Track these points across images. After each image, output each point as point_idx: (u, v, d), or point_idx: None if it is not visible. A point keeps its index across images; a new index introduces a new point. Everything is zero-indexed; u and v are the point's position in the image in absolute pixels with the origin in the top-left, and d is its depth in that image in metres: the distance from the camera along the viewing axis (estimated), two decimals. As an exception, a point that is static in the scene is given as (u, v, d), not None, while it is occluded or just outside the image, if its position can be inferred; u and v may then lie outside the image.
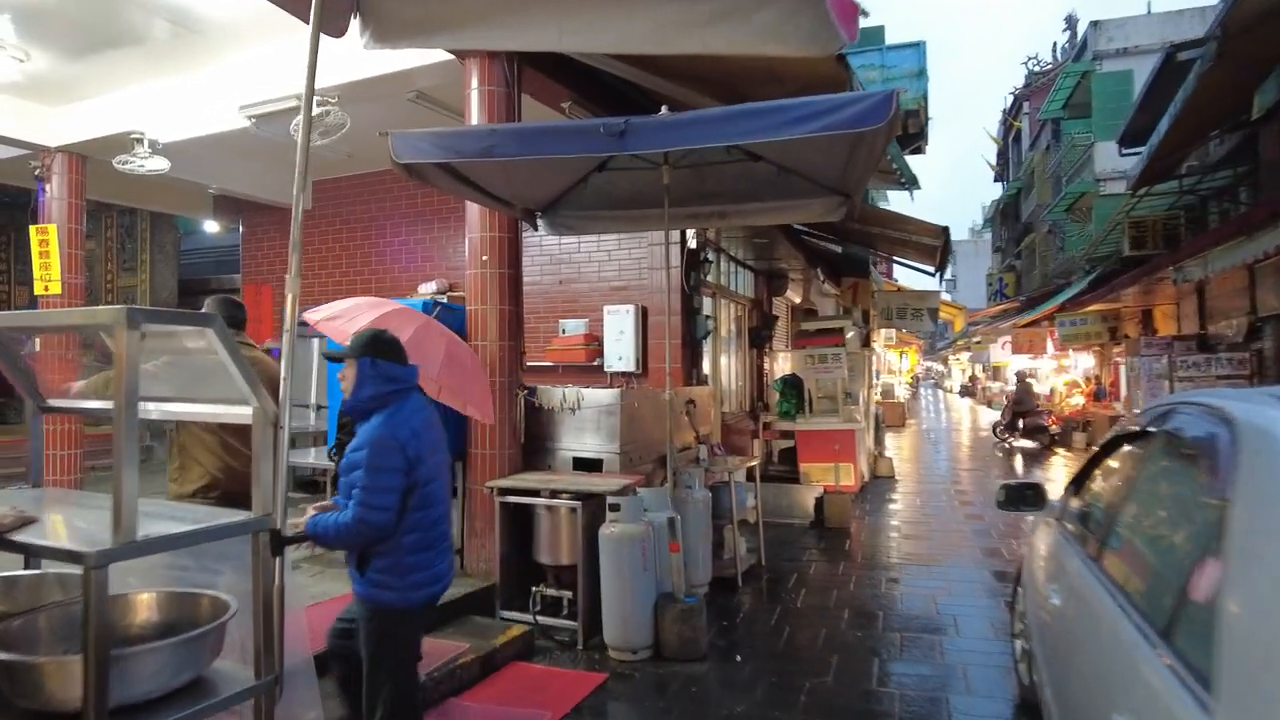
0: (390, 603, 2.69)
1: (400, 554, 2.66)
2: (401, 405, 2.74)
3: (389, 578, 2.66)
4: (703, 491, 5.73)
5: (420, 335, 4.08)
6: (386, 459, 2.61)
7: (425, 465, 2.70)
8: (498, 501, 4.99)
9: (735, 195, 5.81)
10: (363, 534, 2.60)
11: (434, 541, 2.77)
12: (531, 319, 8.97)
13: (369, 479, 2.59)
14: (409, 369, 2.85)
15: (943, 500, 10.05)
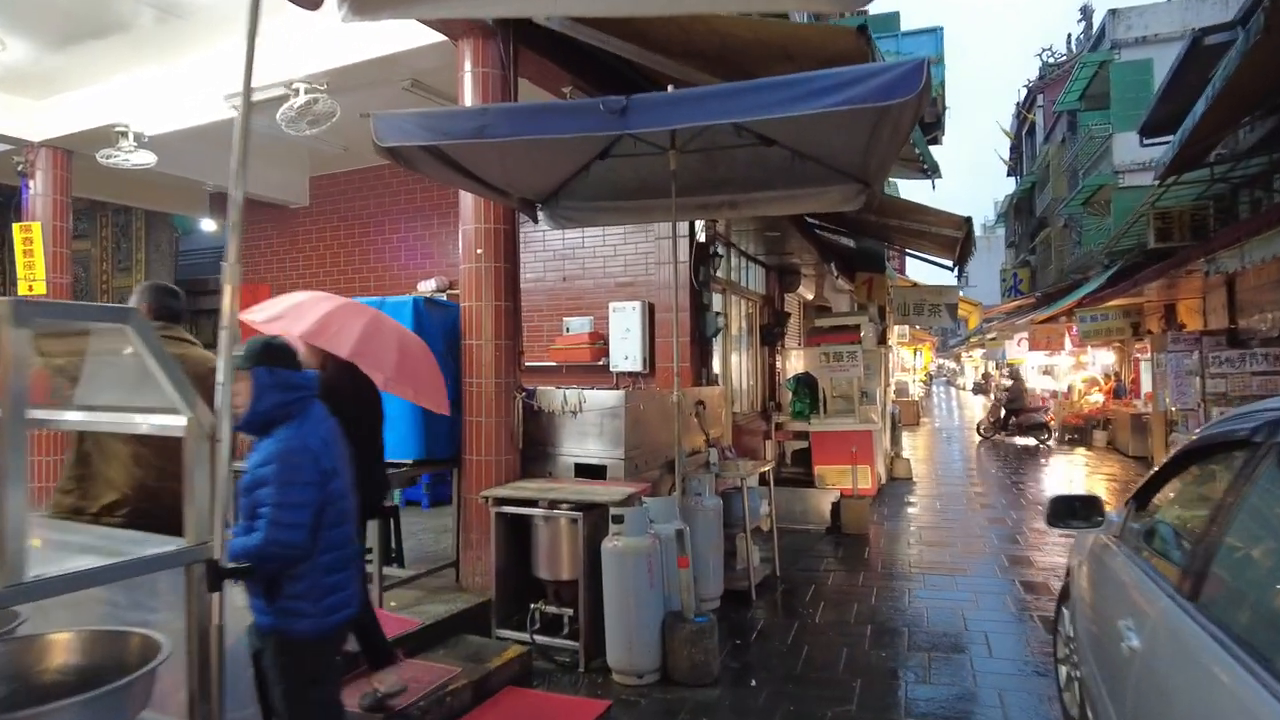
0: (305, 632, 2.40)
1: (318, 575, 2.41)
2: (307, 414, 2.50)
3: (305, 604, 2.39)
4: (713, 499, 5.38)
5: (371, 329, 3.77)
6: (299, 472, 2.35)
7: (340, 478, 2.49)
8: (493, 512, 4.65)
9: (747, 183, 5.47)
10: (275, 556, 2.28)
11: (348, 561, 2.53)
12: (534, 317, 8.65)
13: (281, 494, 2.29)
14: (308, 375, 2.62)
15: (963, 503, 9.65)
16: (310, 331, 3.58)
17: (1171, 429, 11.52)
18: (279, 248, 10.61)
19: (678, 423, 4.80)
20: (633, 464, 5.13)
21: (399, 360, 3.86)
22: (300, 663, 2.42)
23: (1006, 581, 5.97)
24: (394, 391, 4.07)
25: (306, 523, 2.33)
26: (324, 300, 3.83)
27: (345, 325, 3.69)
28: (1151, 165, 19.79)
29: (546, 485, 4.82)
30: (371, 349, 3.73)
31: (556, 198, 5.69)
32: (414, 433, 4.94)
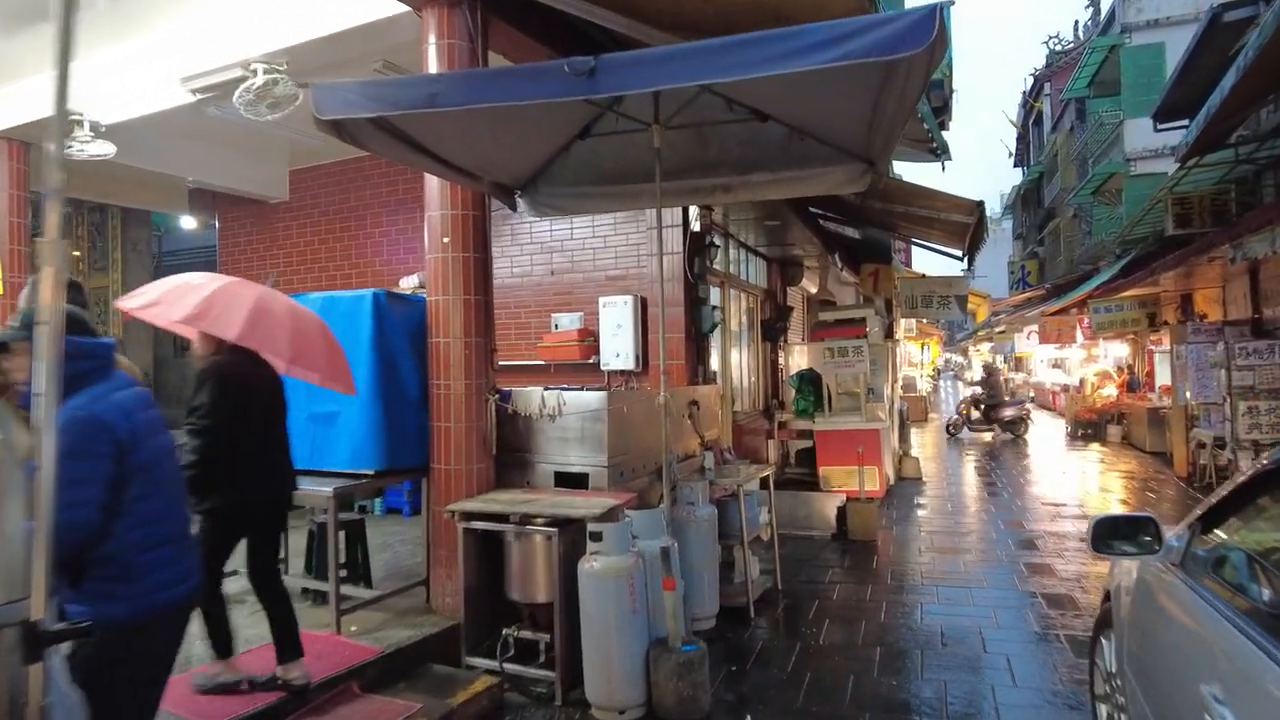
0: (118, 616, 2.09)
1: (130, 553, 2.16)
2: (102, 383, 2.22)
3: (116, 585, 2.13)
4: (707, 508, 4.93)
5: (261, 310, 3.36)
6: (85, 442, 2.07)
7: (143, 449, 2.21)
8: (460, 528, 4.21)
9: (741, 164, 5.02)
10: (62, 540, 1.88)
11: (172, 535, 2.28)
12: (522, 314, 8.22)
13: (63, 470, 1.89)
14: (104, 343, 2.33)
15: (975, 505, 9.18)
16: (190, 316, 3.19)
17: (1192, 424, 11.03)
18: (259, 244, 10.20)
19: (665, 426, 4.34)
20: (618, 471, 4.68)
21: (294, 341, 3.44)
22: (112, 655, 2.09)
23: (1026, 595, 5.50)
24: (298, 376, 3.67)
25: (91, 499, 2.06)
26: (209, 281, 3.43)
27: (230, 307, 3.29)
28: (1164, 152, 19.29)
29: (521, 497, 4.38)
30: (262, 331, 3.33)
31: (536, 183, 5.25)
32: (375, 440, 4.50)
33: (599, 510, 3.90)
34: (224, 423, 3.24)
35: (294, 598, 5.05)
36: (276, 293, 3.70)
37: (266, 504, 3.57)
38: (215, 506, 3.32)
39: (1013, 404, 17.71)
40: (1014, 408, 17.44)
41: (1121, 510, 8.38)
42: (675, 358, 7.22)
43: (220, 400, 3.24)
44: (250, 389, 3.42)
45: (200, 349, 3.43)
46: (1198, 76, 13.66)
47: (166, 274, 12.49)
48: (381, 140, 3.84)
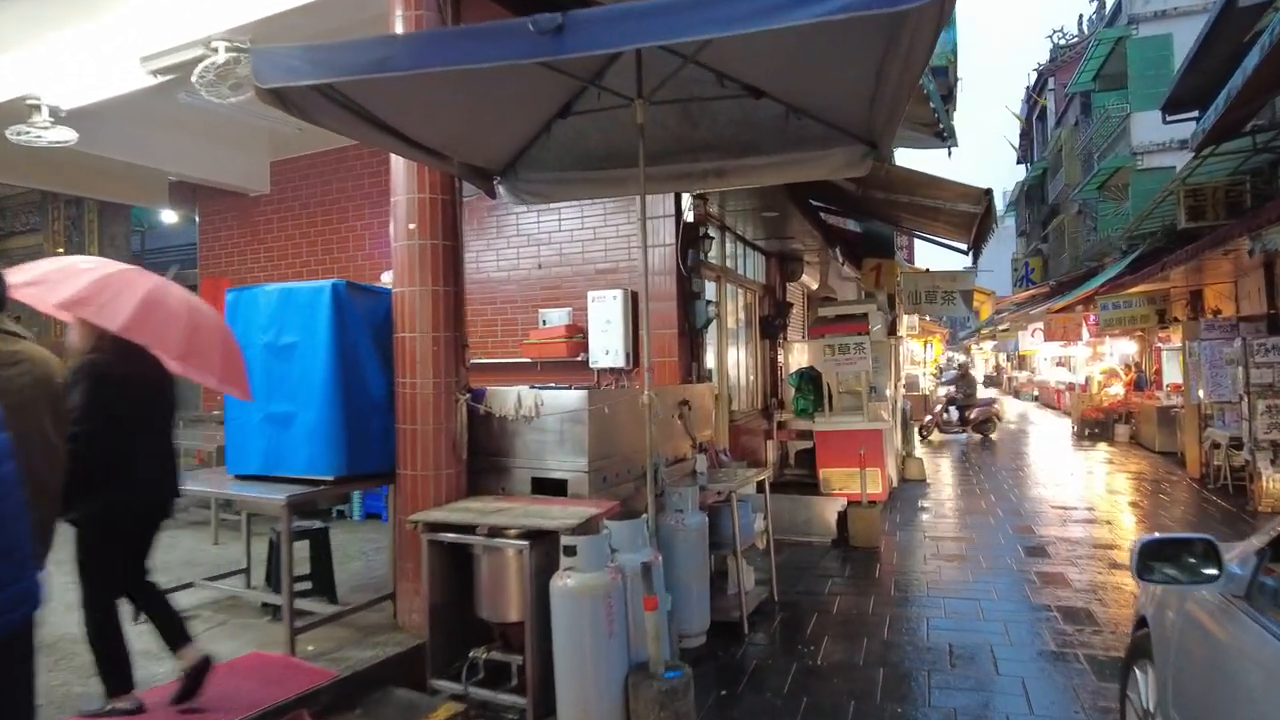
0: None
1: None
2: None
3: None
4: (697, 516, 4.57)
5: (154, 301, 3.01)
6: None
7: None
8: (425, 540, 3.85)
9: (734, 147, 4.68)
10: None
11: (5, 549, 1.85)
12: (508, 309, 7.87)
13: None
14: None
15: (982, 507, 8.81)
16: (71, 300, 2.84)
17: (1206, 423, 10.67)
18: (239, 239, 9.86)
19: (649, 429, 3.99)
20: (600, 477, 4.32)
21: (189, 338, 3.09)
22: None
23: (1040, 608, 5.14)
24: (192, 377, 3.32)
25: None
26: (100, 266, 3.09)
27: (119, 295, 2.95)
28: (1172, 146, 18.94)
29: (492, 505, 4.02)
30: (153, 324, 2.98)
31: (515, 168, 4.91)
32: (334, 444, 4.14)
33: (574, 521, 3.55)
34: (97, 428, 2.90)
35: (253, 613, 4.74)
36: (174, 285, 3.35)
37: (141, 511, 3.23)
38: (85, 515, 2.98)
39: (981, 404, 17.13)
40: (981, 408, 16.90)
41: (1130, 514, 8.03)
42: (667, 355, 6.87)
43: (93, 403, 2.90)
44: (128, 388, 3.08)
45: (78, 340, 3.08)
46: (1210, 65, 13.26)
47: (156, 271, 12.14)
48: (334, 113, 3.48)
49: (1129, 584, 5.61)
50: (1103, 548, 6.73)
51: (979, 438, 16.41)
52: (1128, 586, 5.54)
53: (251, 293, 4.47)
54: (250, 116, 7.42)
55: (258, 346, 4.37)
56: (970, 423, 16.65)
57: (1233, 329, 10.39)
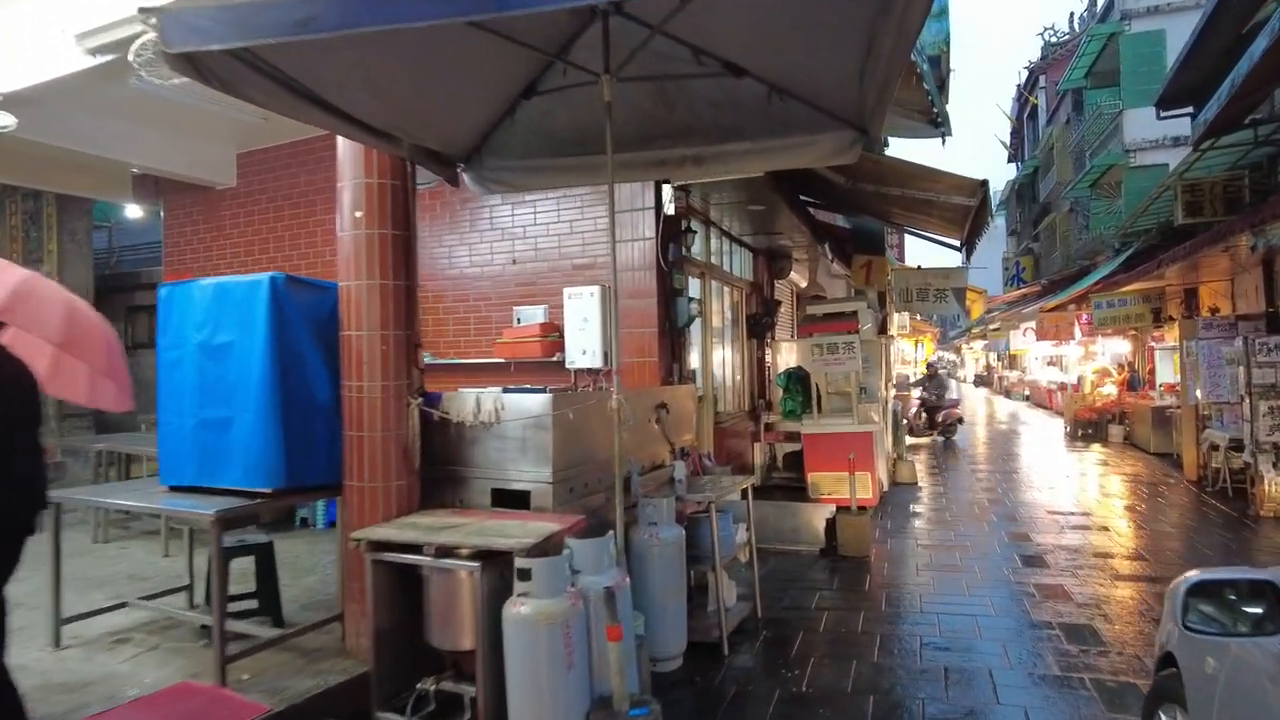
0: None
1: None
2: None
3: None
4: (673, 529, 4.22)
5: (25, 291, 2.66)
6: None
7: None
8: (369, 559, 3.49)
9: (714, 132, 4.33)
10: None
11: None
12: (482, 307, 7.50)
13: None
14: None
15: (975, 513, 8.50)
16: None
17: (1204, 424, 10.40)
18: (205, 234, 9.46)
19: (618, 436, 3.63)
20: (566, 488, 3.96)
21: (65, 339, 2.72)
22: None
23: (1040, 625, 4.81)
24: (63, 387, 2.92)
25: None
26: None
27: None
28: (1165, 143, 18.73)
29: (445, 521, 3.66)
30: (21, 322, 2.60)
31: (480, 154, 4.56)
32: (272, 452, 3.77)
33: (531, 540, 3.19)
34: None
35: (191, 635, 4.36)
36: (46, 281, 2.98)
37: None
38: None
39: (946, 405, 16.47)
40: (945, 410, 16.34)
41: (1128, 520, 7.72)
42: (647, 355, 6.52)
43: None
44: None
45: None
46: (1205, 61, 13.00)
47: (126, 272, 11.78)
48: (259, 85, 3.10)
49: (1133, 597, 5.30)
50: (1102, 556, 6.42)
51: (942, 440, 15.99)
52: (1131, 600, 5.23)
53: (185, 288, 4.09)
54: (211, 104, 7.05)
55: (192, 345, 4.01)
56: (937, 426, 16.15)
57: (1231, 328, 10.13)
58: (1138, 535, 7.25)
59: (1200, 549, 6.69)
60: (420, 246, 7.97)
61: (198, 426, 3.98)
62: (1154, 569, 6.01)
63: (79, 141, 7.59)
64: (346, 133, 3.63)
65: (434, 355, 7.56)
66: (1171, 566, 6.07)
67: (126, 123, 7.74)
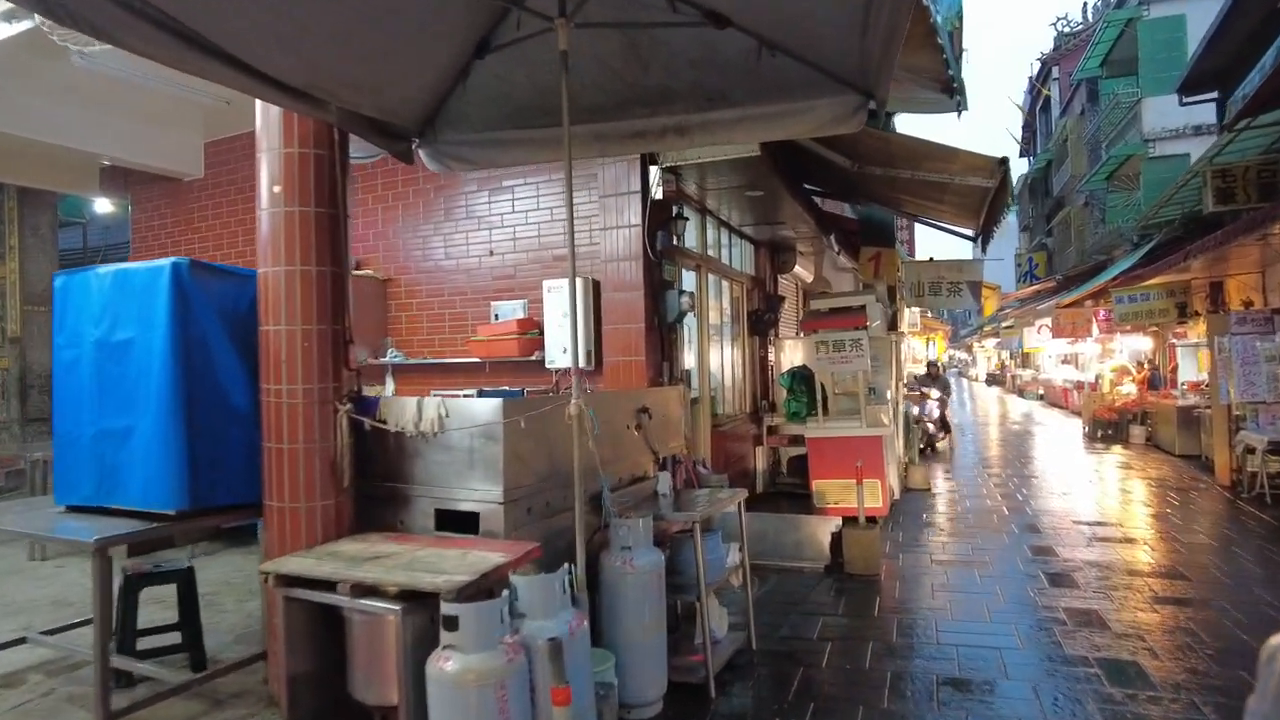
0: None
1: None
2: None
3: None
4: (650, 554, 3.64)
5: None
6: None
7: None
8: (280, 596, 2.92)
9: (697, 97, 3.78)
10: None
11: None
12: (457, 302, 6.95)
13: None
14: None
15: (993, 522, 7.88)
16: None
17: (1237, 425, 9.73)
18: (173, 227, 8.96)
19: (577, 448, 3.06)
20: (522, 508, 3.39)
21: None
22: None
23: (1076, 660, 4.20)
24: None
25: None
26: None
27: None
28: (1186, 132, 18.04)
29: (374, 550, 3.09)
30: None
31: (435, 127, 4.03)
32: (175, 468, 3.22)
33: (461, 578, 2.61)
34: None
35: (99, 676, 3.81)
36: None
37: None
38: None
39: None
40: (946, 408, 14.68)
41: (1162, 531, 7.08)
42: (633, 353, 5.95)
43: None
44: None
45: None
46: (1231, 43, 12.36)
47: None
48: (142, 32, 2.52)
49: (1178, 625, 4.69)
50: (1136, 574, 5.80)
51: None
52: (1177, 628, 4.62)
53: (82, 277, 3.55)
54: (172, 86, 6.58)
55: (89, 343, 3.47)
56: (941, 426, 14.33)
57: (1267, 322, 9.47)
58: (1173, 548, 6.62)
59: (1245, 565, 6.06)
60: (393, 237, 7.46)
61: (96, 437, 3.43)
62: (1197, 589, 5.39)
63: (33, 128, 7.07)
64: (256, 91, 3.05)
65: (407, 355, 7.01)
66: (1217, 586, 5.45)
67: (83, 109, 7.22)
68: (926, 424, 13.56)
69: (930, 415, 13.83)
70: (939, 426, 14.26)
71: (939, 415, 14.26)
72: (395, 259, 7.27)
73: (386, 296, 7.27)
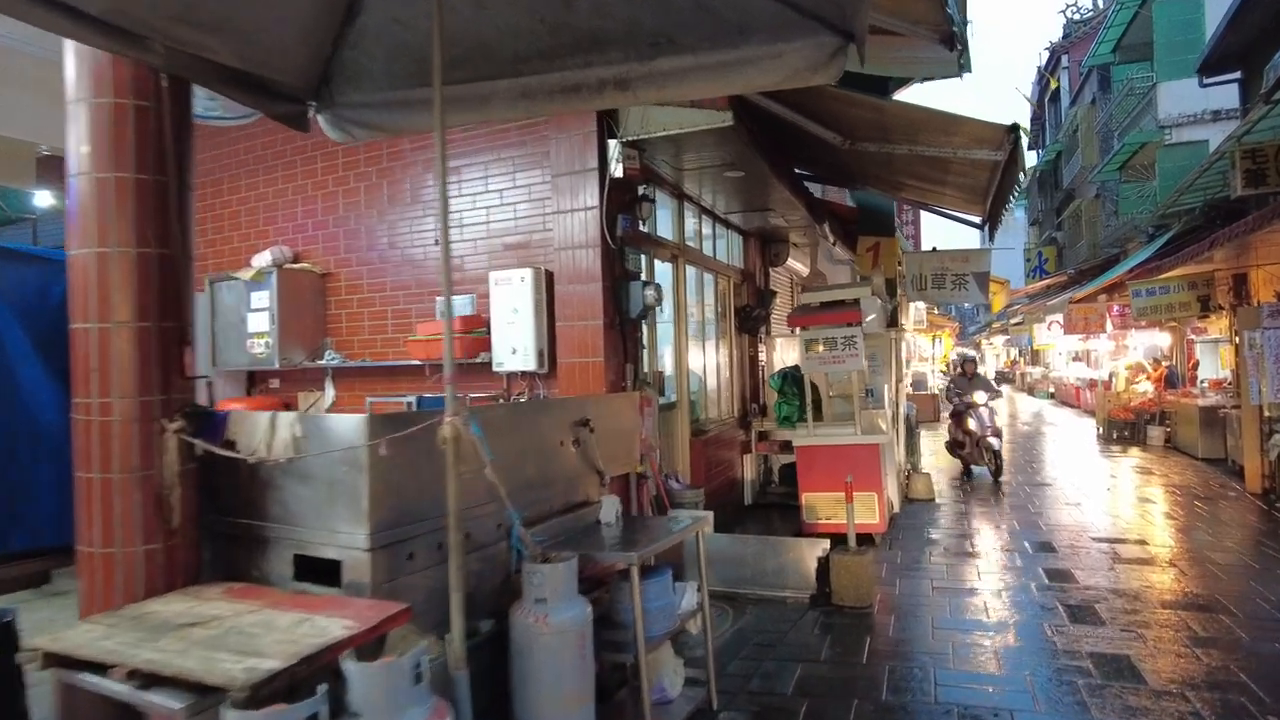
0: None
1: None
2: None
3: None
4: (573, 607, 2.91)
5: None
6: None
7: None
8: (54, 680, 2.21)
9: (638, 41, 3.05)
10: None
11: None
12: (400, 297, 6.24)
13: None
14: None
15: (1004, 539, 7.13)
16: None
17: (1270, 428, 8.94)
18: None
19: (452, 484, 2.33)
20: (399, 555, 2.66)
21: None
22: None
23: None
24: None
25: None
26: None
27: None
28: (1204, 117, 17.22)
29: (198, 613, 2.37)
30: None
31: (331, 87, 3.33)
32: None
33: (264, 670, 1.89)
34: None
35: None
36: None
37: None
38: None
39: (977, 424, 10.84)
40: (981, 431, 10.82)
41: (1193, 549, 6.30)
42: (590, 354, 5.23)
43: None
44: None
45: None
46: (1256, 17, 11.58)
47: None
48: None
49: (1228, 677, 3.93)
50: (1171, 607, 5.04)
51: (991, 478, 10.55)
52: (1230, 682, 3.86)
53: None
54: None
55: None
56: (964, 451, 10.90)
57: (1303, 314, 8.68)
58: (1209, 572, 5.86)
59: (1292, 591, 5.31)
60: (333, 226, 6.69)
61: None
62: (1244, 626, 4.63)
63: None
64: (40, 20, 2.33)
65: (347, 356, 6.31)
66: (1266, 624, 4.68)
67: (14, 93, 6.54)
68: (987, 439, 10.21)
69: (985, 426, 10.32)
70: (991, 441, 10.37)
71: (999, 426, 10.68)
72: (336, 251, 6.56)
73: (326, 292, 6.56)
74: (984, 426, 10.35)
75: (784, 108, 5.74)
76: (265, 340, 6.31)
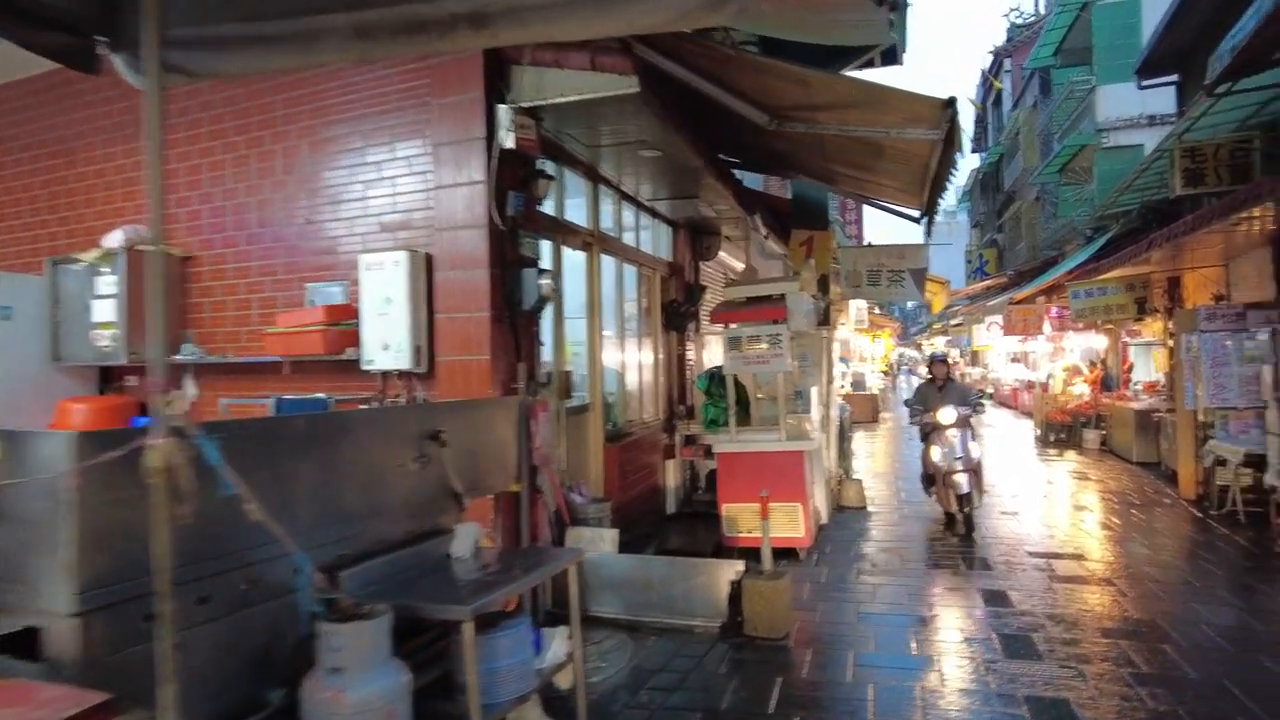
0: None
1: None
2: None
3: None
4: (380, 679, 2.25)
5: None
6: None
7: None
8: None
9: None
10: None
11: None
12: (266, 284, 5.49)
13: None
14: None
15: (939, 552, 6.68)
16: None
17: (1204, 433, 8.70)
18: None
19: (163, 528, 1.66)
20: (124, 619, 1.97)
21: None
22: None
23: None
24: None
25: None
26: None
27: None
28: (1141, 121, 17.27)
29: None
30: None
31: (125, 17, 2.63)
32: None
33: None
34: None
35: None
36: None
37: None
38: None
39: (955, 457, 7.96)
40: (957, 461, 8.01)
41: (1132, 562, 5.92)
42: (474, 351, 4.56)
43: None
44: None
45: None
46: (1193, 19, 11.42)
47: None
48: None
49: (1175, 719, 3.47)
50: (1112, 635, 4.59)
51: None
52: (1174, 729, 3.39)
53: None
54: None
55: None
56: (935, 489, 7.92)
57: (1239, 318, 8.45)
58: (1149, 591, 5.47)
59: (1240, 615, 4.95)
60: (197, 203, 5.80)
61: None
62: (1189, 658, 4.20)
63: None
64: None
65: (207, 351, 5.53)
66: (1213, 654, 4.27)
67: None
68: (954, 475, 7.23)
69: (959, 457, 7.28)
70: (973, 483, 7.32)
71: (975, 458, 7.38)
72: (200, 230, 5.76)
73: (188, 278, 5.76)
74: (951, 457, 7.27)
75: (700, 79, 5.13)
76: (112, 332, 5.49)
